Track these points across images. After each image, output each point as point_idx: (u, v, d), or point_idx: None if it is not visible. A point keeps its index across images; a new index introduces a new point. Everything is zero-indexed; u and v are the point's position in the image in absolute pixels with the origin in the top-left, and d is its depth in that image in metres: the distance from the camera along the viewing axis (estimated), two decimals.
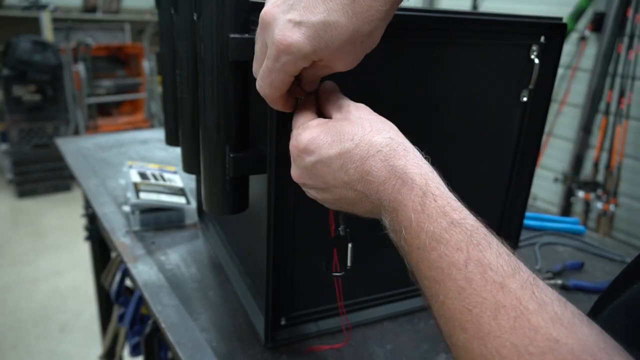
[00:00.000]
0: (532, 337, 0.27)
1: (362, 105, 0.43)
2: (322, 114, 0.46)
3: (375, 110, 0.43)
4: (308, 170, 0.41)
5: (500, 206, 0.71)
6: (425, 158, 0.39)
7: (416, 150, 0.39)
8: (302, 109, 0.46)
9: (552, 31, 0.62)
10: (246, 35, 0.48)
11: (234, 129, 0.52)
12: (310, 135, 0.41)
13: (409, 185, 0.35)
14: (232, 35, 0.47)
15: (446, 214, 0.34)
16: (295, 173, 0.44)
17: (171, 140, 0.77)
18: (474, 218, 0.35)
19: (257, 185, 0.58)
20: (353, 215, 0.43)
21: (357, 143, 0.38)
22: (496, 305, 0.29)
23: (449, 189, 0.37)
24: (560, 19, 0.61)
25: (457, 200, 0.36)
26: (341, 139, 0.39)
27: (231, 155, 0.52)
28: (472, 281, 0.30)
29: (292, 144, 0.42)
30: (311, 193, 0.44)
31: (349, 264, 0.55)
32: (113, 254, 1.06)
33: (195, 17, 0.50)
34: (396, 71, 0.55)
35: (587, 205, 2.24)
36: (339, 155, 0.39)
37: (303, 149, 0.41)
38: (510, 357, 0.27)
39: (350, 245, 0.54)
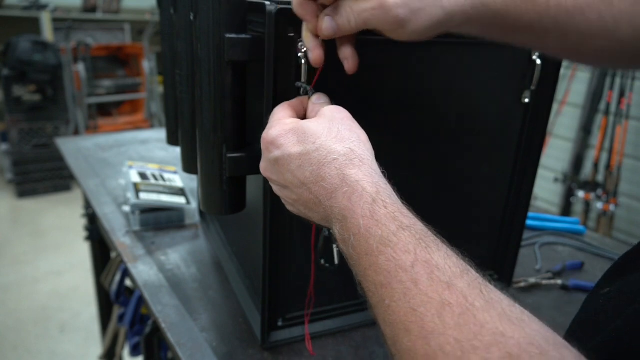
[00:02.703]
0: (478, 332, 0.26)
1: (340, 109, 0.43)
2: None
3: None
4: (272, 164, 0.43)
5: (502, 208, 0.71)
6: (383, 172, 0.39)
7: (375, 164, 0.40)
8: (285, 105, 0.46)
9: None
10: (242, 36, 0.48)
11: (231, 129, 0.52)
12: (280, 130, 0.42)
13: (359, 192, 0.36)
14: (228, 36, 0.47)
15: (396, 219, 0.34)
16: (262, 165, 0.45)
17: (172, 140, 0.77)
18: (423, 225, 0.35)
19: (255, 185, 0.58)
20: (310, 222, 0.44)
21: (317, 147, 0.39)
22: (442, 304, 0.28)
23: (401, 201, 0.37)
24: None
25: (408, 209, 0.36)
26: (305, 139, 0.40)
27: (228, 155, 0.52)
28: (418, 282, 0.30)
29: (263, 136, 0.43)
30: (275, 189, 0.45)
31: (336, 261, 0.56)
32: (113, 254, 1.06)
33: (192, 17, 0.50)
34: (395, 72, 0.55)
35: (587, 205, 2.24)
36: (299, 155, 0.40)
37: (271, 142, 0.42)
38: (454, 354, 0.26)
39: (334, 246, 0.55)
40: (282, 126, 0.42)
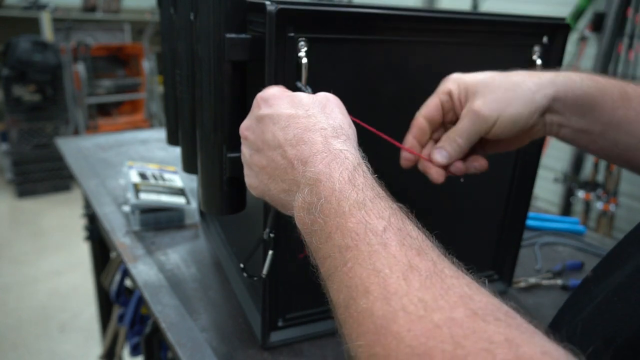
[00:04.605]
0: (444, 293, 0.25)
1: (336, 97, 0.45)
2: None
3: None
4: (257, 121, 0.43)
5: (502, 208, 0.71)
6: (363, 157, 0.40)
7: (357, 147, 0.40)
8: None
9: (555, 32, 0.61)
10: (243, 36, 0.48)
11: (231, 129, 0.52)
12: (278, 92, 0.43)
13: (341, 160, 0.36)
14: (228, 36, 0.47)
15: (374, 188, 0.34)
16: (245, 123, 0.45)
17: (172, 140, 0.77)
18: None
19: None
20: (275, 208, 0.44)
21: (308, 115, 0.40)
22: (409, 267, 0.27)
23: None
24: (564, 19, 0.61)
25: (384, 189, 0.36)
26: (298, 105, 0.41)
27: (228, 155, 0.52)
28: (388, 246, 0.29)
29: (259, 94, 0.44)
30: (245, 154, 0.45)
31: (264, 271, 0.53)
32: (113, 254, 1.06)
33: (192, 17, 0.50)
34: (395, 71, 0.55)
35: (587, 205, 2.24)
36: (289, 117, 0.40)
37: (265, 100, 0.43)
38: (417, 312, 0.25)
39: (270, 252, 0.53)
40: (281, 90, 0.44)
